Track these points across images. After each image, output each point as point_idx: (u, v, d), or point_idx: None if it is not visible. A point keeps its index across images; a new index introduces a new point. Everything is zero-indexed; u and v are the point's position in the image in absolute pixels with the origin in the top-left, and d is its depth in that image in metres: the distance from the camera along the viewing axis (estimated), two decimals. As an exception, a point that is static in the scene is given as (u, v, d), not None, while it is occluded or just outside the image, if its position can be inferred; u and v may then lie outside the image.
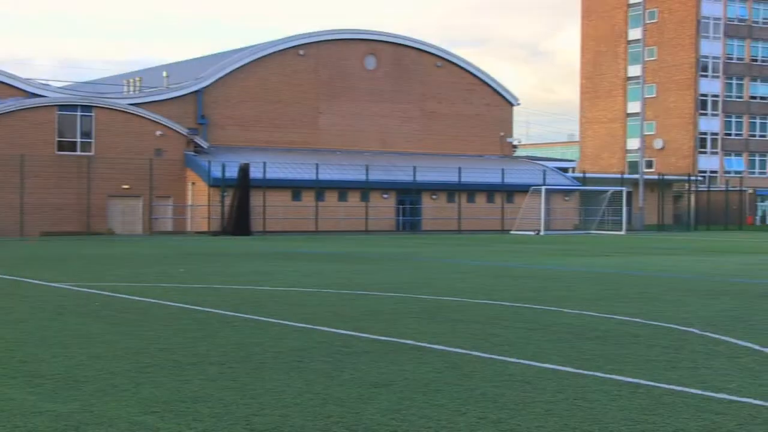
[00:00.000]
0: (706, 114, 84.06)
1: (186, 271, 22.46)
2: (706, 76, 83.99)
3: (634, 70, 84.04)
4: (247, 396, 7.73)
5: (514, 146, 67.20)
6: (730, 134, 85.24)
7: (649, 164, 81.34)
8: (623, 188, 60.35)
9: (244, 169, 49.70)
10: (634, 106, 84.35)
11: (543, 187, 57.68)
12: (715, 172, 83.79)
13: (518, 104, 66.03)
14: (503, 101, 65.37)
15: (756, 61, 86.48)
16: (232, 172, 49.97)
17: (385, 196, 56.77)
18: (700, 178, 79.12)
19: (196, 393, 7.83)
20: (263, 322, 12.52)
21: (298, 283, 19.01)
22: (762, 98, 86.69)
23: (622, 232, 57.00)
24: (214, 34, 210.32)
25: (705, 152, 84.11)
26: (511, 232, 56.57)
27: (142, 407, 7.29)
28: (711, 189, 77.97)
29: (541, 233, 55.02)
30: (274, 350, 10.15)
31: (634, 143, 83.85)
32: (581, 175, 68.93)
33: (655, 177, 72.67)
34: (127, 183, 51.15)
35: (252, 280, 19.72)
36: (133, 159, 51.03)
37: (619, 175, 69.14)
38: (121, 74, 74.30)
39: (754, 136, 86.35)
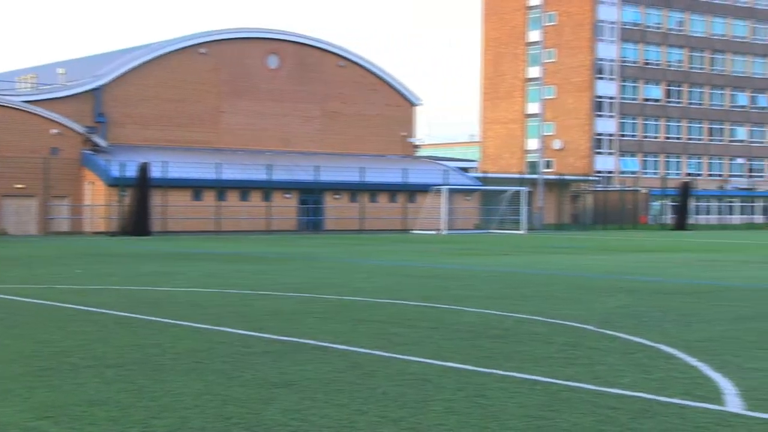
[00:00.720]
0: (602, 115, 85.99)
1: (83, 272, 22.00)
2: (602, 78, 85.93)
3: (534, 72, 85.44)
4: (145, 398, 7.61)
5: (416, 146, 67.66)
6: (625, 135, 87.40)
7: (548, 164, 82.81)
8: (523, 188, 61.31)
9: (144, 169, 48.88)
10: (533, 107, 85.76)
11: (444, 187, 58.22)
12: (612, 172, 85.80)
13: (420, 104, 66.51)
14: (405, 101, 65.73)
15: (649, 64, 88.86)
16: (132, 172, 49.09)
17: (287, 195, 56.54)
18: (597, 178, 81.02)
19: (92, 396, 7.68)
20: (162, 323, 12.35)
21: (198, 284, 18.80)
22: (655, 100, 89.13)
23: (522, 232, 57.89)
24: (110, 32, 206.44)
25: (602, 153, 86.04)
26: (413, 231, 56.94)
27: (36, 412, 7.11)
28: (607, 189, 79.91)
29: (443, 233, 55.52)
30: (173, 352, 10.02)
31: (533, 144, 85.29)
32: (482, 175, 69.79)
33: (554, 177, 74.09)
34: (21, 182, 49.79)
35: (151, 281, 19.42)
36: (28, 158, 49.70)
37: (519, 175, 70.24)
38: (13, 71, 72.30)
39: (648, 137, 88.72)
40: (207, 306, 14.62)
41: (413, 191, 60.03)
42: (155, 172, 49.88)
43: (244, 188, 54.80)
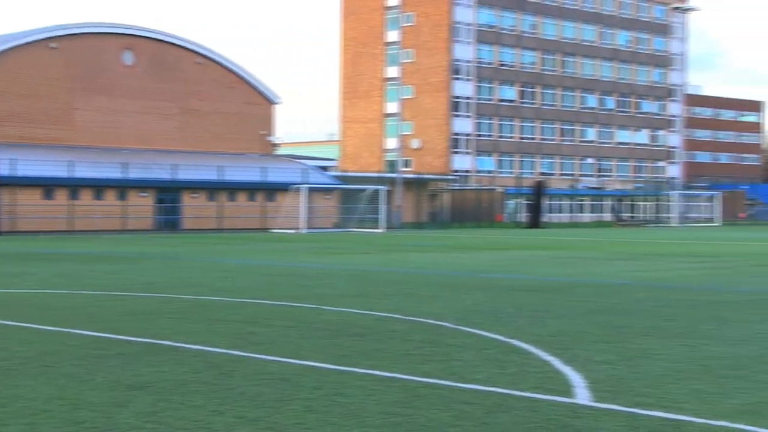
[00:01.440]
0: (459, 115, 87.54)
1: (-76, 275, 20.99)
2: (459, 78, 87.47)
3: (392, 72, 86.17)
4: (-10, 405, 7.31)
5: (275, 144, 67.35)
6: (481, 135, 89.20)
7: (407, 163, 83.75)
8: (382, 187, 61.78)
9: (-9, 166, 47.07)
10: (392, 107, 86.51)
11: (304, 186, 58.12)
12: (468, 171, 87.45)
13: (279, 102, 66.25)
14: (264, 99, 65.34)
15: (504, 65, 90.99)
16: (-22, 169, 47.17)
17: (143, 194, 55.36)
18: (454, 177, 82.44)
19: (-67, 404, 7.33)
20: (9, 326, 11.90)
21: (48, 285, 18.20)
22: (510, 101, 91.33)
23: (381, 230, 58.35)
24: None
25: (459, 152, 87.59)
26: (273, 230, 56.66)
27: None
28: (464, 188, 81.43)
29: (302, 231, 55.44)
30: (21, 356, 9.66)
31: (392, 143, 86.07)
32: (342, 173, 70.02)
33: (413, 176, 74.99)
34: None
35: (-1, 283, 18.69)
36: None
37: (378, 174, 70.74)
38: None
39: (503, 137, 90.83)
40: (57, 307, 14.17)
41: (272, 190, 59.73)
42: (2, 169, 48.12)
43: (98, 187, 53.36)
